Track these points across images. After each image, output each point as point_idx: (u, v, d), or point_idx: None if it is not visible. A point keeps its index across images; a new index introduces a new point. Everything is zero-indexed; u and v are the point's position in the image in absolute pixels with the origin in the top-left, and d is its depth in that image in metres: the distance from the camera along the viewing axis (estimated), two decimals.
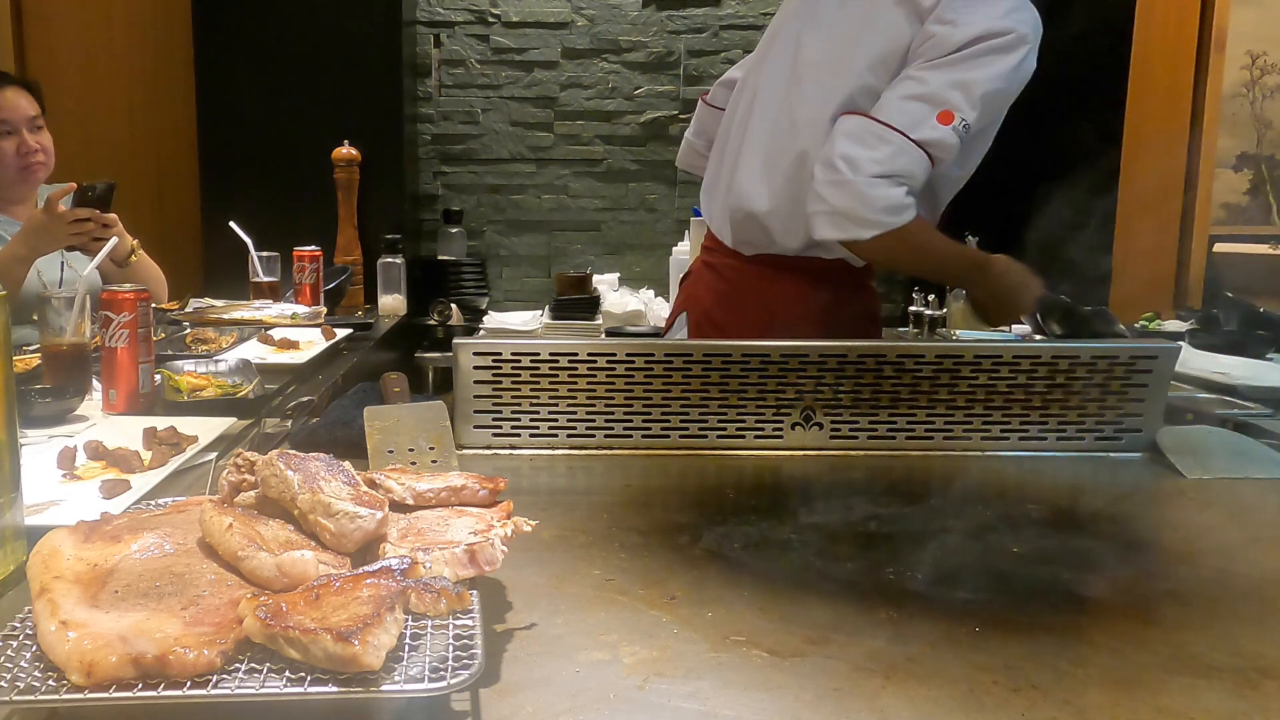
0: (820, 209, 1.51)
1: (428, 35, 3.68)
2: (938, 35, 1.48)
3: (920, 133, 1.47)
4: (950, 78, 1.47)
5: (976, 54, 1.47)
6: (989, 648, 0.78)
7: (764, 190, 1.62)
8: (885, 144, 1.47)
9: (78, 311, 1.54)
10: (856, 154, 1.48)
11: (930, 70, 1.48)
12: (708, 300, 1.75)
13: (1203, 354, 1.94)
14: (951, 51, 1.47)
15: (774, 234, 1.64)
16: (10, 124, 2.23)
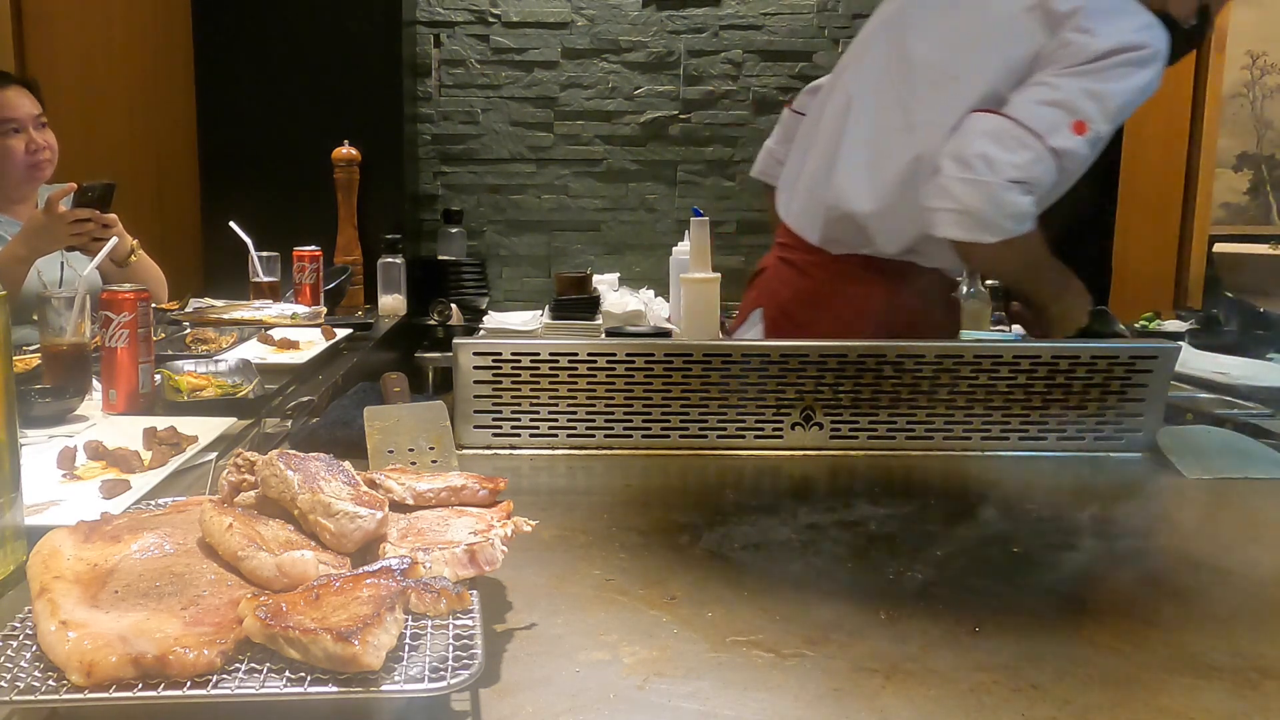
0: (947, 206, 1.45)
1: (428, 35, 3.68)
2: (1075, 43, 1.43)
3: (1056, 140, 1.42)
4: (1085, 87, 1.42)
5: (1113, 65, 1.42)
6: (989, 648, 0.78)
7: (869, 191, 1.57)
8: (1025, 149, 1.42)
9: (78, 311, 1.54)
10: (995, 154, 1.42)
11: (1065, 78, 1.43)
12: (785, 296, 1.71)
13: (1203, 354, 1.94)
14: (1088, 60, 1.43)
15: (873, 235, 1.59)
16: (17, 122, 2.23)
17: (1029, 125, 1.42)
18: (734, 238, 3.76)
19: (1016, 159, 1.41)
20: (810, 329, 1.61)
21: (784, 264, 1.73)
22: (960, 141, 1.45)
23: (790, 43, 3.70)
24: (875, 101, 1.61)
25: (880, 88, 1.61)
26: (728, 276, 3.45)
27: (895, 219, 1.57)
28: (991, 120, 1.44)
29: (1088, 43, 1.43)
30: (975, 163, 1.42)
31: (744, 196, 3.77)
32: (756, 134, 3.72)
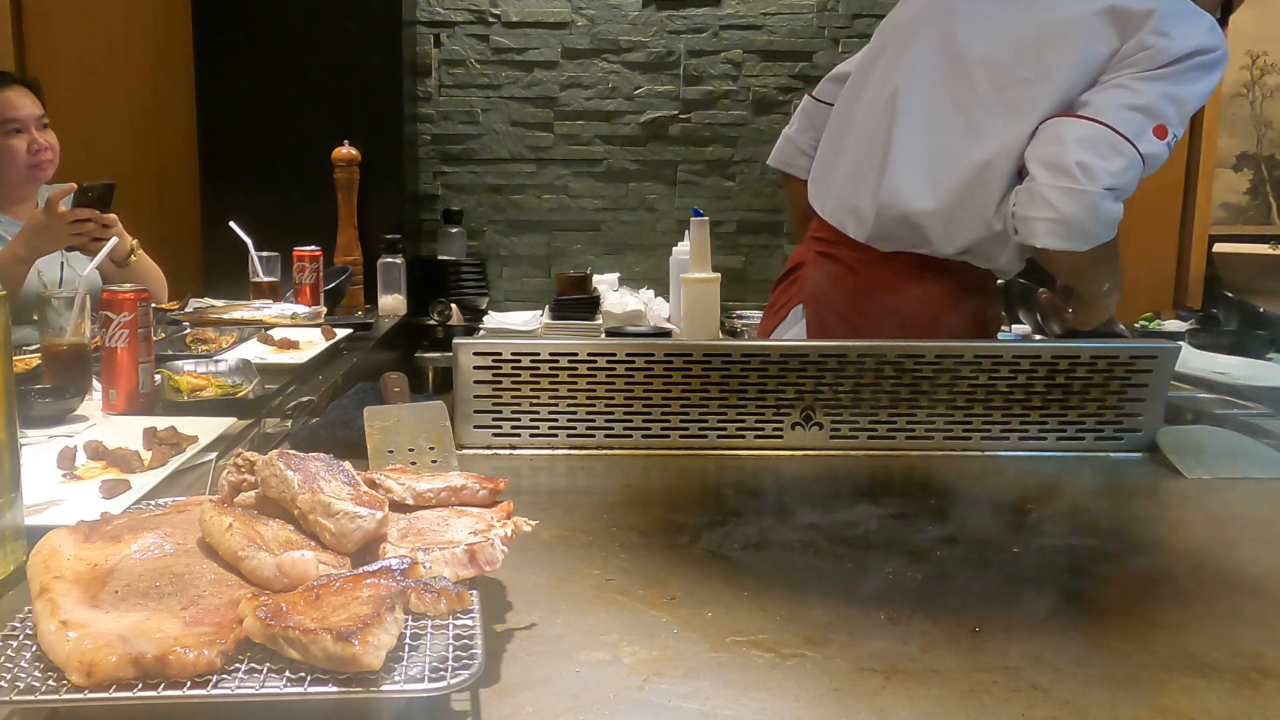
0: (1046, 215, 1.42)
1: (428, 35, 3.68)
2: (1155, 47, 1.42)
3: (1144, 146, 1.41)
4: (1165, 91, 1.42)
5: (1189, 68, 1.43)
6: (989, 648, 0.78)
7: (929, 192, 1.54)
8: (1119, 156, 1.41)
9: (78, 311, 1.54)
10: (1093, 163, 1.40)
11: (1145, 81, 1.42)
12: (834, 294, 1.66)
13: (1203, 354, 1.94)
14: (1167, 64, 1.42)
15: (930, 235, 1.56)
16: (19, 123, 2.23)
17: (1122, 131, 1.40)
18: (734, 238, 3.76)
19: (1112, 166, 1.40)
20: (862, 328, 1.58)
21: (827, 259, 1.68)
22: (1054, 149, 1.42)
23: (790, 43, 3.70)
24: (926, 98, 1.57)
25: (932, 83, 1.57)
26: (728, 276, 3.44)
27: (956, 222, 1.54)
28: (1084, 127, 1.42)
29: (1167, 46, 1.42)
30: (1074, 171, 1.40)
31: (744, 196, 3.77)
32: (756, 134, 3.72)
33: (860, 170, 1.63)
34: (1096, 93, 1.45)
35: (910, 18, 1.66)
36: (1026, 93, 1.48)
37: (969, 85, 1.53)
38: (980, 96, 1.52)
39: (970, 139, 1.52)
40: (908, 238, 1.58)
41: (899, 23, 1.68)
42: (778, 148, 1.94)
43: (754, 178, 3.76)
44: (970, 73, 1.53)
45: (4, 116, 2.22)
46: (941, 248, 1.57)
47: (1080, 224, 1.41)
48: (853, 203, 1.63)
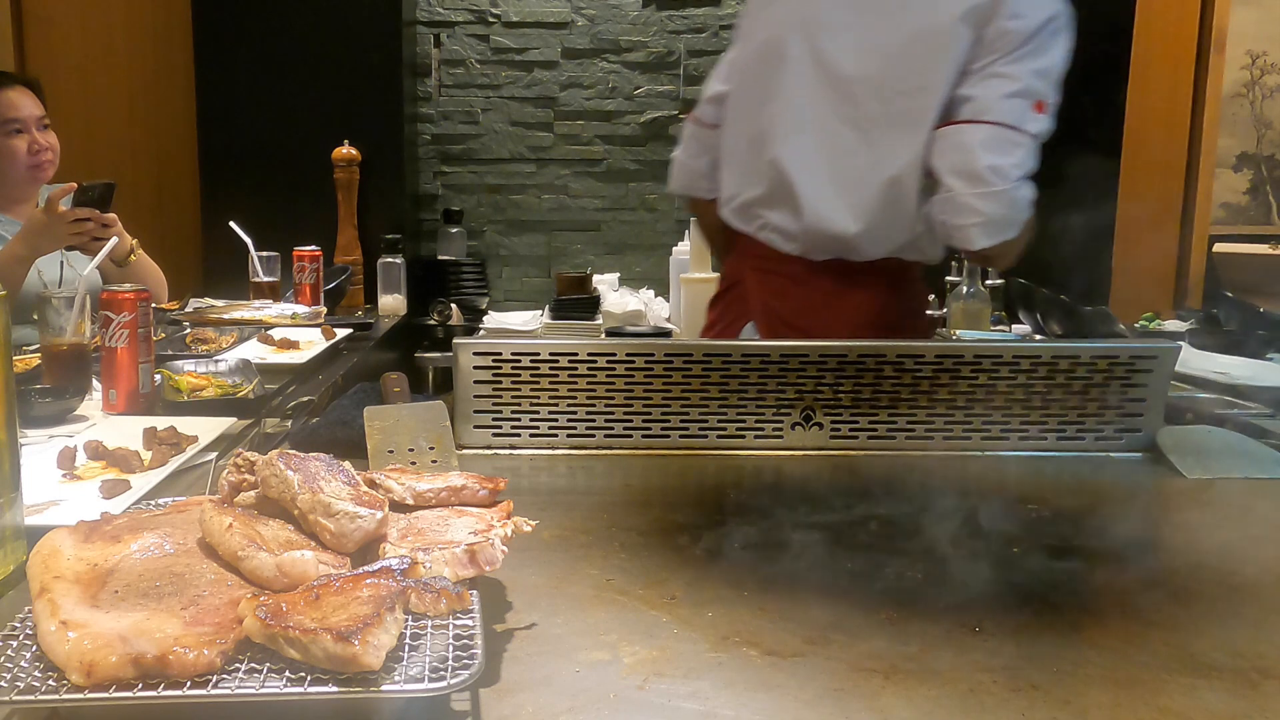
0: (974, 221, 1.51)
1: (428, 35, 3.68)
2: (1012, 30, 1.50)
3: (1032, 127, 1.51)
4: (1033, 67, 1.51)
5: (1047, 38, 1.51)
6: (989, 648, 0.78)
7: (848, 213, 1.60)
8: (1019, 147, 1.50)
9: (78, 311, 1.54)
10: (1000, 162, 1.49)
11: (1014, 64, 1.50)
12: (783, 307, 1.71)
13: (1203, 354, 1.94)
14: (1027, 41, 1.50)
15: (860, 247, 1.63)
16: (20, 123, 2.23)
17: (1013, 124, 1.50)
18: None
19: (1016, 159, 1.50)
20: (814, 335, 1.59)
21: (768, 274, 1.73)
22: (962, 157, 1.51)
23: None
24: (815, 120, 1.62)
25: (816, 104, 1.62)
26: None
27: (881, 233, 1.62)
28: (982, 130, 1.50)
29: (1023, 25, 1.50)
30: (987, 175, 1.49)
31: None
32: None
33: (774, 197, 1.67)
34: (974, 86, 1.52)
35: (772, 35, 1.68)
36: (911, 104, 1.54)
37: (854, 103, 1.58)
38: (868, 112, 1.58)
39: (872, 155, 1.58)
40: (839, 250, 1.65)
41: (762, 39, 1.70)
42: (676, 175, 1.93)
43: None
44: (851, 91, 1.58)
45: (5, 116, 2.22)
46: (873, 254, 1.64)
47: (1005, 219, 1.51)
48: (775, 224, 1.68)
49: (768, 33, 1.69)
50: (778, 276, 1.71)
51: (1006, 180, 1.49)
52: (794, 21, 1.65)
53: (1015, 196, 1.50)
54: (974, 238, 1.52)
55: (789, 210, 1.65)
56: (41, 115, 2.28)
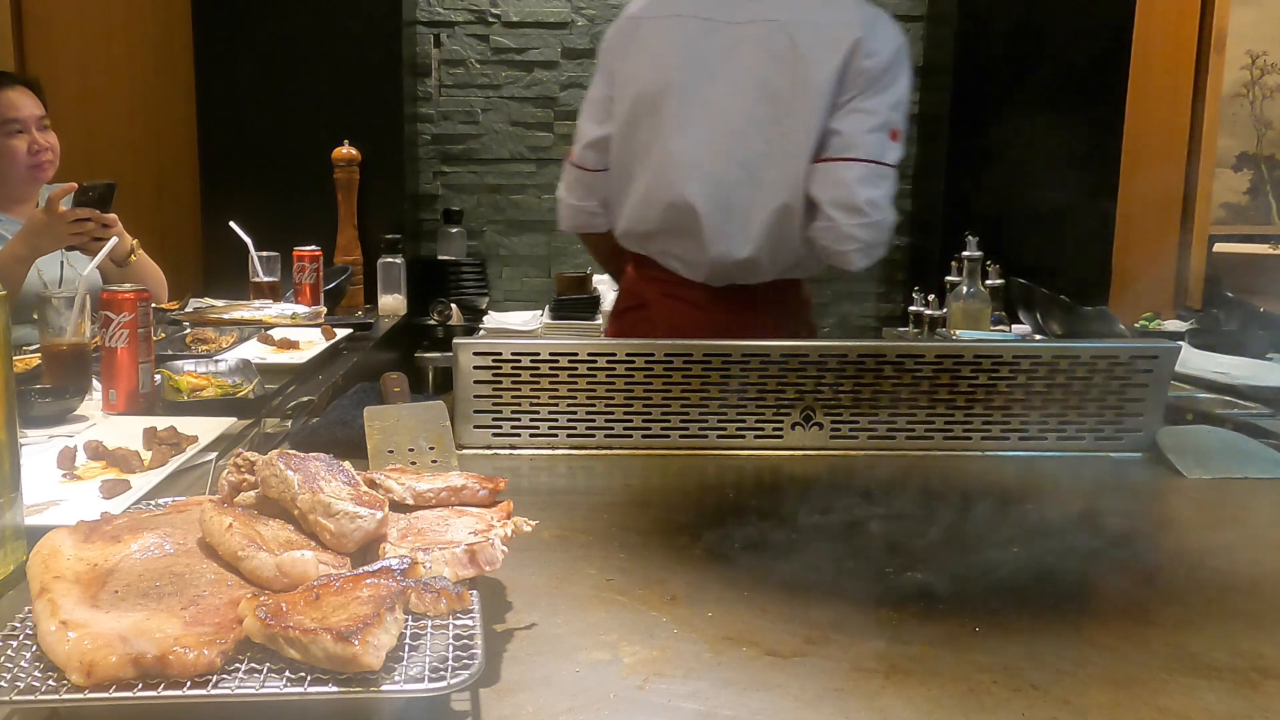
0: (853, 247, 1.70)
1: (428, 35, 3.68)
2: (868, 68, 1.66)
3: (891, 158, 1.70)
4: (887, 100, 1.68)
5: (896, 71, 1.69)
6: (989, 648, 0.78)
7: (746, 243, 1.74)
8: (885, 180, 1.70)
9: (78, 311, 1.54)
10: (874, 195, 1.67)
11: (872, 99, 1.67)
12: (692, 332, 1.74)
13: (1203, 354, 1.94)
14: (880, 78, 1.67)
15: (759, 270, 1.78)
16: (20, 123, 2.23)
17: (880, 160, 1.68)
18: None
19: (884, 191, 1.70)
20: None
21: (673, 300, 1.83)
22: (842, 193, 1.68)
23: None
24: (708, 160, 1.74)
25: (705, 146, 1.74)
26: None
27: (775, 255, 1.76)
28: (857, 168, 1.68)
29: (877, 63, 1.67)
30: (866, 209, 1.67)
31: None
32: None
33: (676, 232, 1.78)
34: (840, 121, 1.68)
35: (650, 82, 1.77)
36: (789, 141, 1.70)
37: (742, 143, 1.72)
38: (753, 150, 1.72)
39: (760, 189, 1.73)
40: (740, 275, 1.79)
41: (640, 87, 1.78)
42: (567, 216, 1.99)
43: None
44: (741, 130, 1.72)
45: (5, 117, 2.22)
46: (770, 276, 1.80)
47: (879, 242, 1.72)
48: (678, 254, 1.80)
49: (645, 80, 1.78)
50: (683, 303, 1.82)
51: (879, 211, 1.68)
52: (671, 68, 1.75)
53: (886, 224, 1.70)
54: (854, 260, 1.72)
55: (692, 243, 1.77)
56: (41, 115, 2.28)
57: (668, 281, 1.84)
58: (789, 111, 1.69)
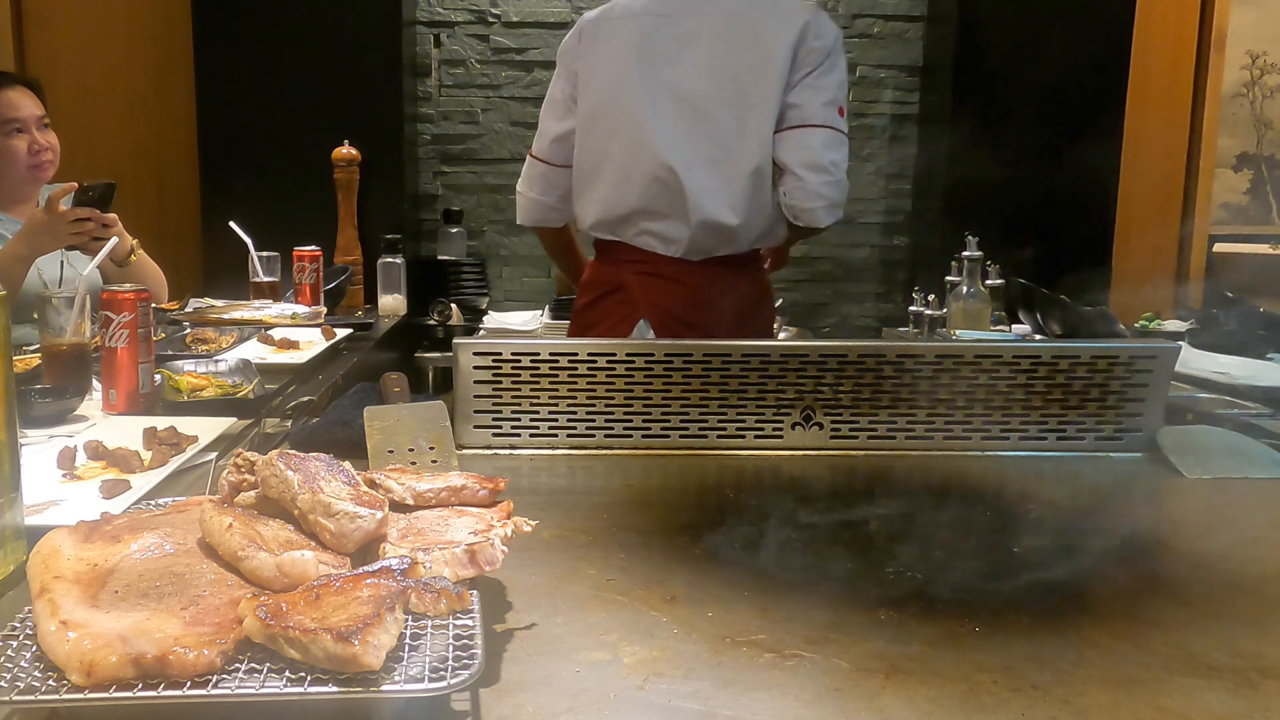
0: (820, 204, 1.87)
1: (428, 35, 3.68)
2: (818, 49, 1.87)
3: (842, 127, 1.91)
4: (834, 79, 1.89)
5: (837, 53, 1.90)
6: (989, 648, 0.78)
7: (730, 210, 1.89)
8: (842, 145, 1.90)
9: (78, 311, 1.54)
10: (835, 157, 1.88)
11: (823, 77, 1.88)
12: (671, 304, 1.94)
13: (1203, 354, 1.94)
14: (827, 57, 1.88)
15: (739, 237, 1.92)
16: (21, 123, 2.23)
17: (836, 127, 1.89)
18: None
19: (843, 155, 1.90)
20: (702, 325, 1.92)
21: (650, 277, 1.95)
22: (810, 155, 1.86)
23: None
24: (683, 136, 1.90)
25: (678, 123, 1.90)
26: None
27: (752, 221, 1.92)
28: (821, 133, 1.87)
29: (824, 44, 1.88)
30: (830, 168, 1.86)
31: None
32: None
33: (657, 205, 1.92)
34: (799, 94, 1.87)
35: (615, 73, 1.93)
36: (755, 115, 1.88)
37: (708, 119, 1.89)
38: (722, 125, 1.89)
39: (734, 160, 1.90)
40: (719, 246, 1.93)
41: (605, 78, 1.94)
42: (527, 210, 2.11)
43: None
44: (704, 109, 1.89)
45: (5, 117, 2.22)
46: (746, 243, 1.95)
47: (841, 202, 1.90)
48: (657, 231, 1.93)
49: (609, 72, 1.94)
50: (662, 279, 1.95)
51: (840, 171, 1.88)
52: (633, 59, 1.91)
53: (845, 183, 1.89)
54: (821, 217, 1.88)
55: (675, 216, 1.91)
56: (42, 115, 2.28)
57: (644, 261, 1.96)
58: (754, 88, 1.87)
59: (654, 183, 1.90)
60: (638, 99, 1.90)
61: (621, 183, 1.94)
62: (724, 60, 1.89)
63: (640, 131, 1.91)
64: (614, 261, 2.01)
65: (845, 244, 3.79)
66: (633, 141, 1.92)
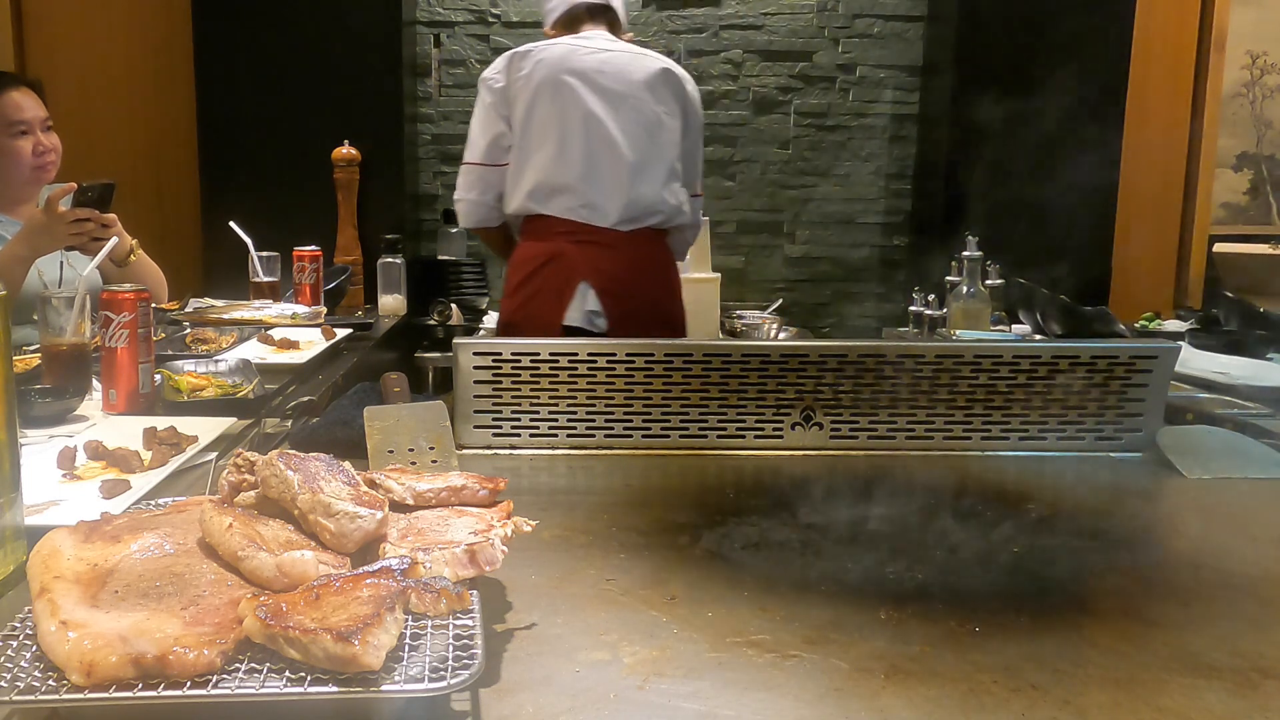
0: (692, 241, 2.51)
1: (428, 35, 3.68)
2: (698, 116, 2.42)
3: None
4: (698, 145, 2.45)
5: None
6: (989, 648, 0.78)
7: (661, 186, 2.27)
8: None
9: (78, 311, 1.54)
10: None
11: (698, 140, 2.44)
12: (607, 267, 2.22)
13: (1203, 354, 1.94)
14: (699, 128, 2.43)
15: (663, 208, 2.26)
16: (26, 125, 2.23)
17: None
18: (734, 238, 3.76)
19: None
20: (637, 283, 2.25)
21: (586, 245, 2.22)
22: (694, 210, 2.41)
23: (790, 43, 3.70)
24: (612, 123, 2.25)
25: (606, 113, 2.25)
26: (728, 276, 3.44)
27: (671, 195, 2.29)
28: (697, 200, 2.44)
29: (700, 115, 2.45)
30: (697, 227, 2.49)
31: (744, 196, 3.77)
32: (756, 134, 3.72)
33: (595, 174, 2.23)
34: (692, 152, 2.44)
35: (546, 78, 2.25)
36: (665, 119, 2.30)
37: (625, 113, 2.26)
38: (648, 118, 2.28)
39: (657, 146, 2.29)
40: (646, 218, 2.25)
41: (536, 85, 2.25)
42: (468, 213, 2.37)
43: (754, 178, 3.76)
44: (621, 106, 2.25)
45: (10, 119, 2.22)
46: (673, 216, 2.29)
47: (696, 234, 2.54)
48: (593, 199, 2.23)
49: (540, 74, 2.25)
50: (595, 245, 2.22)
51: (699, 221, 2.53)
52: (562, 62, 2.25)
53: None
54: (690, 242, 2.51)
55: (612, 185, 2.21)
56: (45, 117, 2.27)
57: (578, 231, 2.23)
58: (658, 97, 2.28)
59: (594, 155, 2.20)
60: (571, 99, 2.21)
61: (559, 158, 2.22)
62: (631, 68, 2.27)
63: (580, 112, 2.21)
64: (547, 235, 2.25)
65: (845, 244, 3.79)
66: (572, 120, 2.21)
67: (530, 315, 2.25)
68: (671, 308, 2.35)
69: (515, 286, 2.29)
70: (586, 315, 2.21)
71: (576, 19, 2.34)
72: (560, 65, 2.25)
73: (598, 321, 2.22)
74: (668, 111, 2.30)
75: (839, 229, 3.79)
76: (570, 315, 2.21)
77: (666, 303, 2.34)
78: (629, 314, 2.21)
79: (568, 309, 2.22)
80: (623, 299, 2.21)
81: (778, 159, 3.75)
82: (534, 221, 2.26)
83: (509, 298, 2.30)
